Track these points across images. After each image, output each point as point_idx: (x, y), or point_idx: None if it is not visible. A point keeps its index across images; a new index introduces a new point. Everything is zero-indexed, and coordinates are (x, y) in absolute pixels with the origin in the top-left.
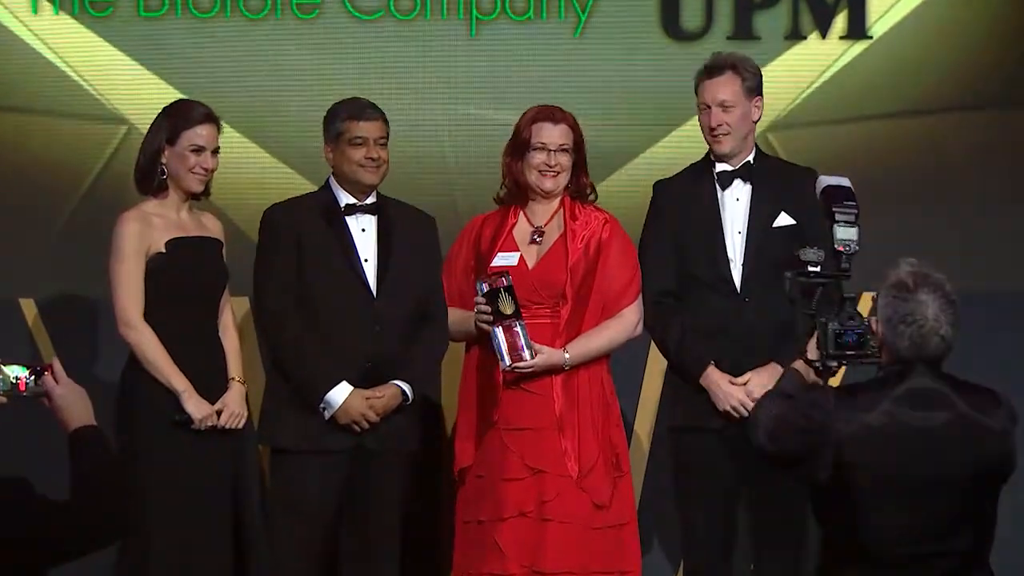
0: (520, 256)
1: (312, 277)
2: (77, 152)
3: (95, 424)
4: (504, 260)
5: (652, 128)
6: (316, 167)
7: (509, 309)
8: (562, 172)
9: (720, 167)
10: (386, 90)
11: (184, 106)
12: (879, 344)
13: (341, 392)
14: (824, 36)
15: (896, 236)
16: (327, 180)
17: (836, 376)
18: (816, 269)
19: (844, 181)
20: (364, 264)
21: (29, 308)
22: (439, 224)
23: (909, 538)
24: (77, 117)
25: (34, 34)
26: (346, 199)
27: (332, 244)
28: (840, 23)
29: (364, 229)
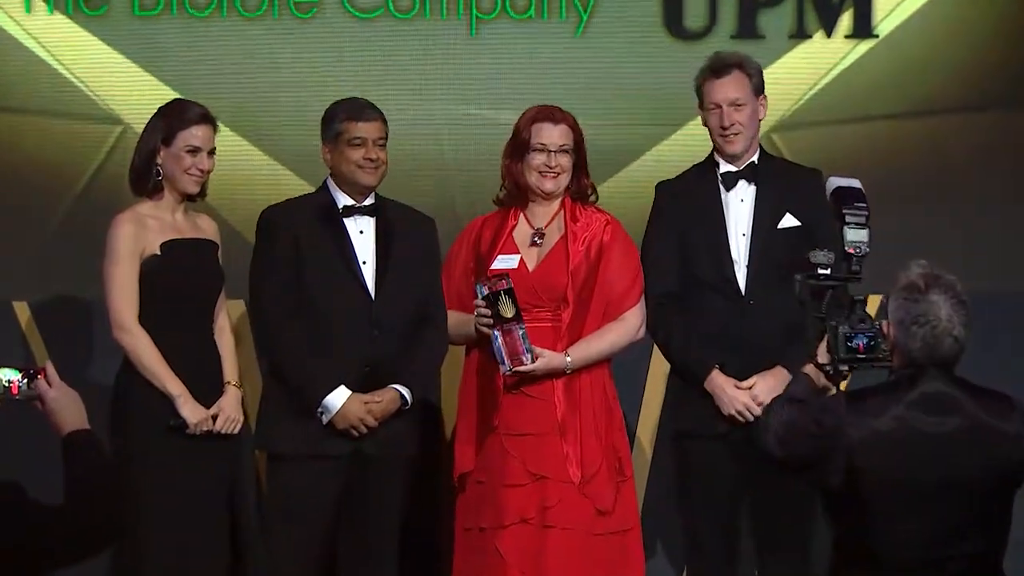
0: (520, 258)
1: (310, 279)
2: (71, 152)
3: (89, 428)
4: (504, 263)
5: (654, 128)
6: (314, 168)
7: (509, 312)
8: (562, 173)
9: (724, 168)
10: (385, 90)
11: (180, 106)
12: (891, 347)
13: (339, 396)
14: (829, 35)
15: (898, 237)
16: (325, 181)
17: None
18: (826, 271)
19: (854, 182)
20: (362, 266)
21: (22, 311)
22: (438, 225)
23: (921, 542)
24: (71, 117)
25: (28, 33)
26: (344, 200)
27: (330, 246)
28: (846, 22)
29: (362, 231)
